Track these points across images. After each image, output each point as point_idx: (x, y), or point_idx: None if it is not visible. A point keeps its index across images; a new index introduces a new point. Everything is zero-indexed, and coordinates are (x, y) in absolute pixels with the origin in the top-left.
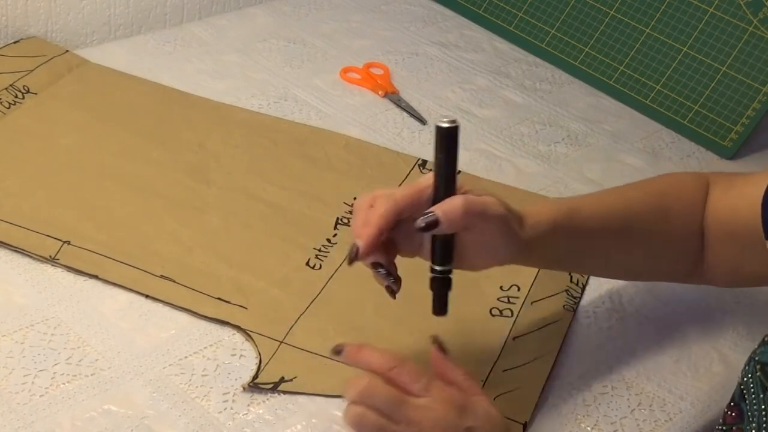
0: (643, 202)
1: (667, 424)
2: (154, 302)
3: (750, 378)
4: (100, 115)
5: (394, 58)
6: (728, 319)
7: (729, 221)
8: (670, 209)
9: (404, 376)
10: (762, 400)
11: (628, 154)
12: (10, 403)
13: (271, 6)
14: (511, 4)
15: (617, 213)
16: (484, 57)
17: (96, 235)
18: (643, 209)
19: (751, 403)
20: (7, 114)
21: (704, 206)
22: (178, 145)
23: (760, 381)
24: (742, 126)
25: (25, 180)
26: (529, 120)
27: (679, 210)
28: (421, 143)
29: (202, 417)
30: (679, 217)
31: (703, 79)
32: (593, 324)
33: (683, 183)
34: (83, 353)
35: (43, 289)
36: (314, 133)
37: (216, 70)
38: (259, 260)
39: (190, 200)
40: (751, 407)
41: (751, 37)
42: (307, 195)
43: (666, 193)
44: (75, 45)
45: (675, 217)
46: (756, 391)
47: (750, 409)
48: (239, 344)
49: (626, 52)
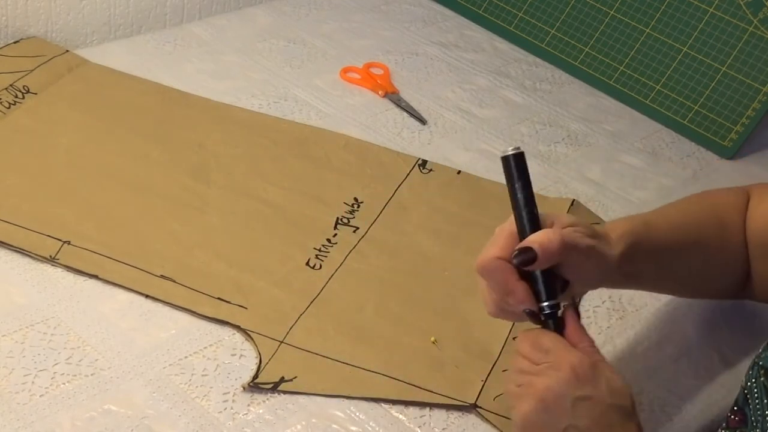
0: (702, 215)
1: (667, 424)
2: (154, 302)
3: (754, 383)
4: (100, 115)
5: (394, 58)
6: (728, 319)
7: (764, 232)
8: (726, 220)
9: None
10: (766, 405)
11: (628, 154)
12: (10, 403)
13: (271, 6)
14: (511, 4)
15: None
16: (484, 57)
17: (96, 235)
18: (703, 222)
19: (755, 408)
20: (7, 114)
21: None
22: (178, 145)
23: (764, 386)
24: (742, 126)
25: (25, 180)
26: (529, 120)
27: (734, 221)
28: (421, 143)
29: (202, 417)
30: (734, 227)
31: (703, 79)
32: (593, 324)
33: (726, 196)
34: (83, 353)
35: (43, 289)
36: (314, 133)
37: (216, 70)
38: (259, 260)
39: (190, 200)
40: (755, 412)
41: (751, 37)
42: (307, 195)
43: (718, 204)
44: (75, 45)
45: (731, 228)
46: (760, 396)
47: (754, 414)
48: (239, 344)
49: (626, 52)
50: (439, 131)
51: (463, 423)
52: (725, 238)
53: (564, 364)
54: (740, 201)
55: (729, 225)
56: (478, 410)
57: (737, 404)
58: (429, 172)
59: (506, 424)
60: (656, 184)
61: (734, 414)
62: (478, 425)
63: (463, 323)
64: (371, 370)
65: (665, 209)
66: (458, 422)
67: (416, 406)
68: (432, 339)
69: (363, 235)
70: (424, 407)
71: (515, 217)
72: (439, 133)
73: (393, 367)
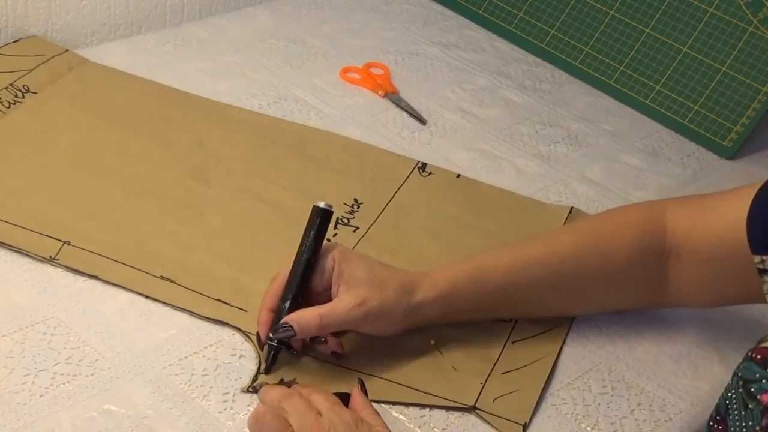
0: (573, 244)
1: (667, 424)
2: (154, 302)
3: (733, 394)
4: (100, 115)
5: (394, 58)
6: (728, 319)
7: (708, 246)
8: (609, 246)
9: None
10: (743, 417)
11: (628, 154)
12: (10, 403)
13: (271, 6)
14: (511, 4)
15: (536, 261)
16: (484, 57)
17: (96, 235)
18: (572, 252)
19: (734, 419)
20: (7, 113)
21: (662, 235)
22: (178, 145)
23: (742, 398)
24: (742, 126)
25: (25, 180)
26: (529, 120)
27: (620, 245)
28: (421, 143)
29: (202, 417)
30: (620, 252)
31: (703, 79)
32: (593, 324)
33: (623, 216)
34: (83, 353)
35: (43, 289)
36: (314, 133)
37: (216, 70)
38: (259, 260)
39: (190, 200)
40: (734, 423)
41: (751, 37)
42: (307, 195)
43: (602, 231)
44: (75, 45)
45: (615, 253)
46: (738, 407)
47: (733, 425)
48: (239, 344)
49: (626, 52)
50: (439, 131)
51: (463, 423)
52: (607, 262)
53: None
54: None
55: (613, 249)
56: (477, 412)
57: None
58: (428, 176)
59: (506, 426)
60: (656, 184)
61: (717, 423)
62: (477, 425)
63: (463, 327)
64: (370, 374)
65: (519, 244)
66: (458, 422)
67: (416, 407)
68: (431, 341)
69: (363, 235)
70: (424, 407)
71: (293, 263)
72: (439, 133)
73: (392, 369)
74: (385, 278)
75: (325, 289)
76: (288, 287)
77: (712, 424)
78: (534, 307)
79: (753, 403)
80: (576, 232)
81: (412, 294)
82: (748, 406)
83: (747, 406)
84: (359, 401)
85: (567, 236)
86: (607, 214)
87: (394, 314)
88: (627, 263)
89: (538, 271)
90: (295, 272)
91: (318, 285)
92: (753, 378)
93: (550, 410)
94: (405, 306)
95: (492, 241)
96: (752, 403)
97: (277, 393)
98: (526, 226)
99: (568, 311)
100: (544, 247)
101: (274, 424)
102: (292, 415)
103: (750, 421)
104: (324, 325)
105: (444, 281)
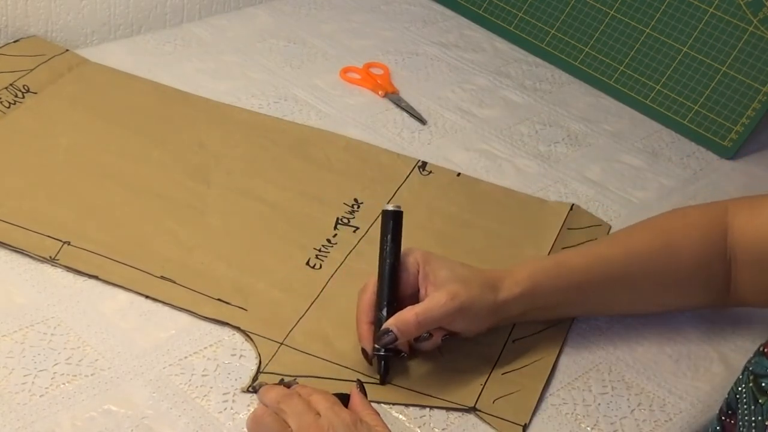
0: (646, 243)
1: (667, 424)
2: (154, 302)
3: (743, 388)
4: (100, 115)
5: (394, 58)
6: (728, 319)
7: (759, 246)
8: (679, 245)
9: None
10: (753, 411)
11: (628, 154)
12: (10, 403)
13: (271, 6)
14: (511, 4)
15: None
16: (484, 57)
17: (96, 235)
18: (645, 251)
19: (743, 413)
20: (7, 113)
21: (724, 235)
22: (178, 145)
23: (753, 392)
24: (742, 126)
25: (25, 180)
26: (529, 120)
27: (689, 245)
28: (421, 143)
29: (202, 417)
30: (689, 251)
31: (703, 79)
32: (593, 324)
33: (689, 217)
34: (83, 353)
35: (43, 289)
36: (314, 133)
37: (216, 70)
38: (259, 260)
39: (190, 200)
40: (743, 417)
41: (751, 37)
42: (307, 195)
43: (672, 229)
44: (75, 45)
45: (685, 252)
46: (748, 401)
47: (742, 419)
48: (239, 344)
49: (626, 52)
50: (439, 131)
51: (463, 423)
52: (677, 261)
53: (342, 413)
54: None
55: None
56: (477, 413)
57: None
58: (429, 174)
59: (506, 427)
60: (656, 184)
61: (729, 417)
62: (477, 425)
63: None
64: (370, 375)
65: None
66: (458, 422)
67: (416, 407)
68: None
69: (363, 235)
70: (424, 407)
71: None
72: (439, 133)
73: (392, 369)
74: (468, 276)
75: (412, 293)
76: (380, 295)
77: (723, 419)
78: (606, 305)
79: (763, 398)
80: (648, 231)
81: (497, 291)
82: (758, 401)
83: (757, 400)
84: (358, 401)
85: (639, 235)
86: (672, 215)
87: (481, 310)
88: (696, 262)
89: (615, 269)
90: (383, 279)
91: (405, 289)
92: (764, 373)
93: (550, 410)
94: (491, 303)
95: (493, 240)
96: (762, 398)
97: (276, 393)
98: (527, 224)
99: (636, 310)
100: (619, 246)
101: (273, 425)
102: (291, 416)
103: (760, 415)
104: (421, 322)
105: (526, 279)
